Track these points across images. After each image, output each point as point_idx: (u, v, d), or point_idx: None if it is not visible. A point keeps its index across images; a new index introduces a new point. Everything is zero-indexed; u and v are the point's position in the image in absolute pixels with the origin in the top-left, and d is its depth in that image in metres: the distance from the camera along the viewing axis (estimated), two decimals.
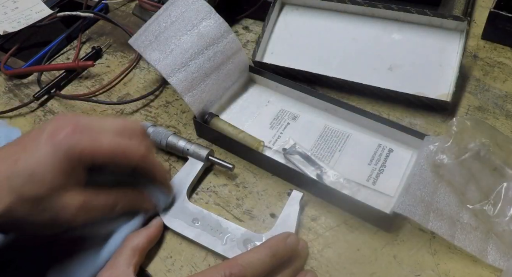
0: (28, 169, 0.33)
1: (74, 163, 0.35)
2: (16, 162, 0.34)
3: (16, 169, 0.34)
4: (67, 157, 0.34)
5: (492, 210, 0.39)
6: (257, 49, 0.55)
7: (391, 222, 0.41)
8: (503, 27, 0.54)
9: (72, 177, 0.35)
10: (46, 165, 0.34)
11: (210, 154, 0.47)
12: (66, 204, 0.35)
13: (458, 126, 0.41)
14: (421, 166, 0.42)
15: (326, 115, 0.51)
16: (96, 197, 0.37)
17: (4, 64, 0.62)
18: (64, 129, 0.34)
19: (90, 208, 0.37)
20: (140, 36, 0.49)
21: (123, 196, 0.40)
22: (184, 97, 0.47)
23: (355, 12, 0.56)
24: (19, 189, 0.33)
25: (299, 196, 0.43)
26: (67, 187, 0.35)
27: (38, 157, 0.34)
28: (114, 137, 0.37)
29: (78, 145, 0.34)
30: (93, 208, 0.37)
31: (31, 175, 0.33)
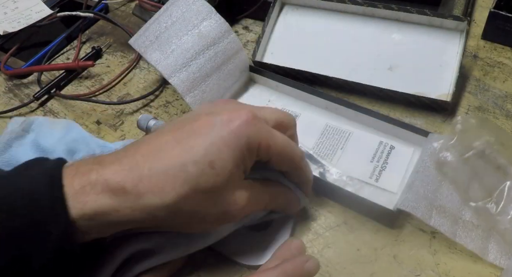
0: (207, 156, 0.30)
1: (251, 153, 0.32)
2: (192, 148, 0.30)
3: (193, 156, 0.30)
4: (247, 146, 0.31)
5: (494, 208, 0.39)
6: (257, 49, 0.55)
7: (395, 219, 0.41)
8: (503, 27, 0.54)
9: (244, 168, 0.33)
10: (227, 153, 0.31)
11: None
12: (238, 197, 0.32)
13: (462, 124, 0.42)
14: (425, 163, 0.42)
15: (327, 114, 0.51)
16: (259, 189, 0.35)
17: (4, 64, 0.62)
18: (242, 115, 0.32)
19: (255, 202, 0.34)
20: (141, 36, 0.49)
21: (278, 194, 0.37)
22: (185, 97, 0.48)
23: (355, 12, 0.56)
24: (196, 179, 0.30)
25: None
26: (239, 179, 0.32)
27: (218, 144, 0.31)
28: (282, 134, 0.35)
29: (258, 135, 0.32)
30: (258, 202, 0.35)
31: (211, 164, 0.30)
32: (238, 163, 0.32)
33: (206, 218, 0.32)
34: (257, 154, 0.33)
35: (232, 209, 0.32)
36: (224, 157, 0.31)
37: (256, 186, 0.35)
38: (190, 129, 0.32)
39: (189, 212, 0.31)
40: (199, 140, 0.31)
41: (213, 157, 0.30)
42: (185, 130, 0.32)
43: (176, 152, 0.31)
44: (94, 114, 0.56)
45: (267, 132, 0.33)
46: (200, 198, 0.31)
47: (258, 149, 0.32)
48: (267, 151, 0.33)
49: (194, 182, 0.30)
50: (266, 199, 0.36)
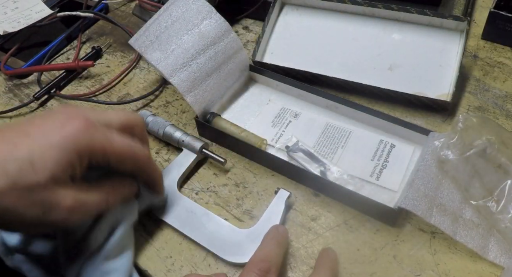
0: (29, 155, 0.31)
1: (83, 159, 0.33)
2: (16, 146, 0.31)
3: (15, 153, 0.31)
4: (77, 151, 0.32)
5: (495, 207, 0.40)
6: (257, 49, 0.55)
7: (396, 217, 0.41)
8: (503, 27, 0.54)
9: (72, 172, 0.33)
10: (51, 155, 0.31)
11: (204, 147, 0.47)
12: (59, 199, 0.32)
13: (464, 122, 0.42)
14: (426, 162, 0.42)
15: (328, 112, 0.51)
16: (89, 193, 0.35)
17: (4, 64, 0.62)
18: (75, 122, 0.33)
19: (83, 205, 0.34)
20: (141, 36, 0.49)
21: (113, 189, 0.38)
22: (186, 97, 0.48)
23: (355, 12, 0.56)
24: (15, 174, 0.31)
25: (286, 195, 0.43)
26: (64, 181, 0.33)
27: (44, 145, 0.32)
28: (124, 137, 0.35)
29: (90, 142, 0.33)
30: (86, 205, 0.35)
31: (31, 162, 0.31)
32: (63, 166, 0.32)
33: (25, 217, 0.32)
34: (90, 158, 0.33)
35: (54, 211, 0.32)
36: (46, 157, 0.31)
37: (86, 189, 0.35)
38: (20, 130, 0.33)
39: (8, 209, 0.31)
40: (26, 140, 0.32)
41: (35, 157, 0.31)
42: (16, 130, 0.33)
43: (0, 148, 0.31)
44: None
45: (102, 137, 0.34)
46: (18, 195, 0.31)
47: (90, 154, 0.33)
48: (103, 155, 0.34)
49: (11, 178, 0.30)
50: (101, 197, 0.36)
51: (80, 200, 0.34)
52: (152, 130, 0.50)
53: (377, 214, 0.42)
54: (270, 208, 0.43)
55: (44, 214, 0.32)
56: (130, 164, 0.37)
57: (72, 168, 0.33)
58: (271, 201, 0.43)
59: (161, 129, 0.49)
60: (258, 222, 0.42)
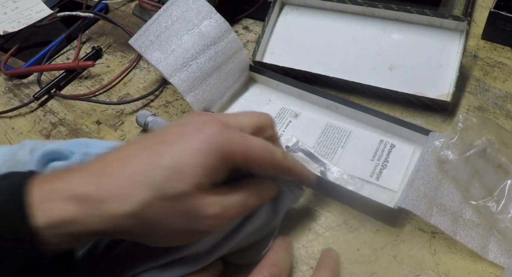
0: (173, 163, 0.29)
1: (226, 163, 0.31)
2: (158, 155, 0.30)
3: (159, 162, 0.29)
4: (220, 155, 0.31)
5: (495, 207, 0.40)
6: (257, 49, 0.55)
7: (396, 217, 0.41)
8: (503, 27, 0.54)
9: (216, 177, 0.32)
10: (195, 161, 0.30)
11: None
12: (206, 206, 0.31)
13: (464, 122, 0.42)
14: (426, 162, 0.42)
15: (328, 112, 0.51)
16: (229, 197, 0.33)
17: (4, 64, 0.62)
18: (212, 125, 0.31)
19: (228, 210, 0.32)
20: (141, 36, 0.49)
21: (254, 191, 0.35)
22: (186, 97, 0.48)
23: (355, 12, 0.56)
24: (160, 184, 0.29)
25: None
26: (208, 188, 0.31)
27: (187, 151, 0.30)
28: (259, 139, 0.34)
29: (231, 145, 0.31)
30: (231, 210, 0.33)
31: (176, 170, 0.29)
32: (207, 172, 0.31)
33: (174, 228, 0.31)
34: (234, 163, 0.32)
35: (203, 218, 0.31)
36: (191, 164, 0.30)
37: (229, 193, 0.33)
38: (160, 139, 0.32)
39: (155, 220, 0.30)
40: (167, 148, 0.30)
41: (180, 164, 0.30)
42: (155, 139, 0.32)
43: (142, 159, 0.30)
44: (94, 114, 0.56)
45: (241, 139, 0.32)
46: (166, 205, 0.30)
47: (233, 158, 0.32)
48: (244, 159, 0.32)
49: (158, 188, 0.29)
50: (242, 200, 0.34)
51: (224, 206, 0.32)
52: (152, 130, 0.50)
53: (377, 214, 0.42)
54: None
55: (191, 223, 0.31)
56: (270, 167, 0.35)
57: (217, 174, 0.32)
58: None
59: None
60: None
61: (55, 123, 0.56)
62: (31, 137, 0.54)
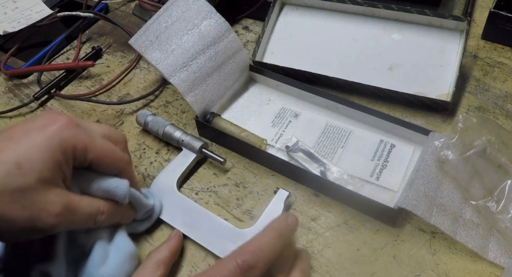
0: (15, 158, 0.30)
1: (67, 157, 0.33)
2: (1, 151, 0.31)
3: (1, 157, 0.30)
4: (61, 149, 0.32)
5: (495, 207, 0.40)
6: (257, 49, 0.55)
7: (396, 217, 0.41)
8: (503, 27, 0.54)
9: (60, 173, 0.32)
10: (37, 155, 0.31)
11: (204, 146, 0.47)
12: (49, 203, 0.32)
13: (463, 123, 0.42)
14: (426, 162, 0.42)
15: (328, 112, 0.51)
16: (80, 200, 0.34)
17: (4, 64, 0.62)
18: (57, 121, 0.33)
19: (73, 212, 0.33)
20: (141, 36, 0.49)
21: (108, 206, 0.36)
22: (186, 97, 0.48)
23: (355, 12, 0.56)
24: (3, 178, 0.30)
25: (285, 195, 0.43)
26: (53, 183, 0.32)
27: (28, 147, 0.31)
28: (104, 139, 0.36)
29: (73, 139, 0.33)
30: (76, 212, 0.34)
31: (18, 165, 0.30)
32: (50, 166, 0.31)
33: (14, 223, 0.31)
34: (74, 157, 0.33)
35: (43, 215, 0.31)
36: (33, 159, 0.31)
37: (79, 198, 0.34)
38: (5, 136, 0.32)
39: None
40: (10, 144, 0.31)
41: (21, 159, 0.31)
42: (1, 136, 0.32)
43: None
44: (94, 114, 0.56)
45: (84, 135, 0.34)
46: (7, 199, 0.30)
47: (74, 151, 0.33)
48: (84, 153, 0.33)
49: (1, 182, 0.30)
50: (93, 209, 0.35)
51: (70, 205, 0.33)
52: (152, 130, 0.50)
53: (377, 214, 0.42)
54: (269, 208, 0.43)
55: (33, 218, 0.31)
56: (111, 165, 0.36)
57: (60, 168, 0.32)
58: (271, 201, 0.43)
59: (161, 128, 0.49)
60: (257, 222, 0.42)
61: None
62: None
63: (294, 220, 0.36)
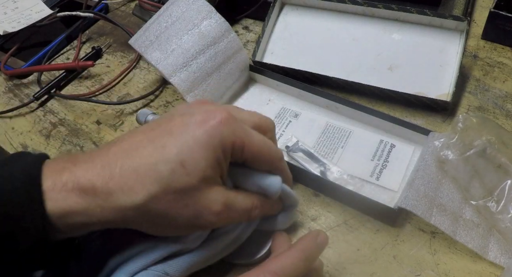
0: (179, 156, 0.30)
1: (226, 154, 0.31)
2: (164, 147, 0.30)
3: (165, 155, 0.30)
4: (221, 146, 0.31)
5: (495, 207, 0.40)
6: (257, 49, 0.55)
7: (396, 217, 0.41)
8: (503, 27, 0.54)
9: (219, 170, 0.32)
10: (199, 153, 0.30)
11: None
12: (211, 201, 0.31)
13: (463, 122, 0.42)
14: (426, 162, 0.42)
15: (328, 112, 0.51)
16: (236, 196, 0.33)
17: (4, 64, 0.62)
18: (217, 115, 0.31)
19: (231, 208, 0.33)
20: (141, 36, 0.49)
21: (261, 200, 0.35)
22: (186, 97, 0.48)
23: (355, 12, 0.56)
24: (166, 178, 0.29)
25: None
26: (214, 181, 0.31)
27: (191, 143, 0.30)
28: (259, 134, 0.34)
29: (232, 135, 0.31)
30: (234, 209, 0.33)
31: (182, 163, 0.29)
32: (212, 163, 0.31)
33: (177, 221, 0.31)
34: (232, 153, 0.32)
35: (205, 214, 0.31)
36: (196, 157, 0.30)
37: (234, 194, 0.33)
38: (163, 129, 0.31)
39: (159, 213, 0.30)
40: (172, 140, 0.30)
41: (185, 157, 0.30)
42: (159, 130, 0.32)
43: (148, 151, 0.30)
44: (94, 114, 0.56)
45: (242, 131, 0.32)
46: (171, 198, 0.30)
47: (232, 148, 0.32)
48: (241, 150, 0.32)
49: (164, 182, 0.29)
50: (248, 205, 0.34)
51: (229, 203, 0.32)
52: None
53: (377, 214, 0.42)
54: None
55: (195, 217, 0.31)
56: (265, 162, 0.35)
57: (220, 166, 0.32)
58: None
59: None
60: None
61: (55, 123, 0.56)
62: (31, 137, 0.54)
63: (324, 239, 0.35)
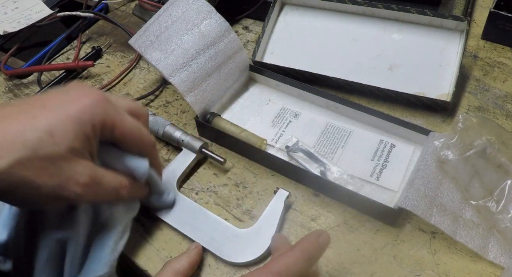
0: (48, 125, 0.31)
1: (95, 131, 0.33)
2: (34, 118, 0.31)
3: (34, 123, 0.31)
4: (91, 122, 0.33)
5: (495, 207, 0.40)
6: (257, 49, 0.55)
7: (396, 217, 0.41)
8: (503, 27, 0.54)
9: (88, 146, 0.33)
10: (69, 126, 0.32)
11: (204, 146, 0.47)
12: (77, 173, 0.32)
13: (463, 123, 0.42)
14: (426, 162, 0.42)
15: (328, 112, 0.51)
16: (105, 173, 0.35)
17: (4, 64, 0.62)
18: (90, 95, 0.34)
19: (99, 184, 0.34)
20: (141, 36, 0.49)
21: (129, 181, 0.37)
22: (186, 97, 0.48)
23: (355, 12, 0.56)
24: (34, 144, 0.30)
25: (285, 195, 0.43)
26: (81, 155, 0.33)
27: (62, 117, 0.32)
28: (132, 118, 0.36)
29: (103, 114, 0.34)
30: (102, 185, 0.35)
31: (50, 133, 0.31)
32: (81, 137, 0.32)
33: (41, 189, 0.31)
34: (102, 132, 0.34)
35: (71, 184, 0.32)
36: (65, 128, 0.32)
37: (103, 171, 0.35)
38: (36, 102, 0.33)
39: (23, 180, 0.30)
40: (43, 112, 0.32)
41: (54, 127, 0.31)
42: (31, 103, 0.33)
43: (18, 120, 0.31)
44: None
45: (114, 112, 0.34)
46: (37, 166, 0.31)
47: (103, 127, 0.34)
48: (111, 129, 0.34)
49: (31, 148, 0.30)
50: (116, 183, 0.36)
51: (96, 177, 0.34)
52: (152, 130, 0.50)
53: (377, 214, 0.42)
54: (269, 208, 0.43)
55: (60, 187, 0.32)
56: (136, 144, 0.37)
57: (88, 141, 0.33)
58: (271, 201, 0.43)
59: (161, 128, 0.49)
60: (257, 222, 0.42)
61: None
62: None
63: (326, 238, 0.34)
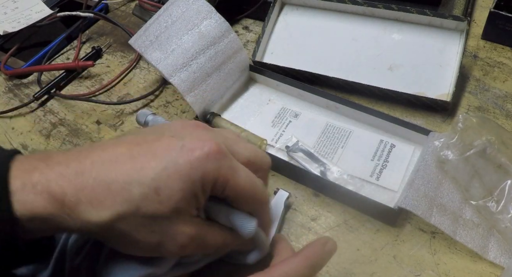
0: (155, 181, 0.28)
1: (205, 189, 0.30)
2: (142, 169, 0.29)
3: (141, 177, 0.28)
4: (201, 181, 0.29)
5: (495, 207, 0.40)
6: (257, 49, 0.55)
7: (396, 217, 0.41)
8: (503, 27, 0.54)
9: (195, 203, 0.30)
10: (177, 183, 0.29)
11: None
12: (178, 233, 0.30)
13: (463, 123, 0.42)
14: (426, 162, 0.42)
15: (328, 112, 0.51)
16: (208, 232, 0.32)
17: (4, 64, 0.62)
18: (205, 147, 0.30)
19: (201, 243, 0.32)
20: (141, 36, 0.49)
21: (233, 238, 0.34)
22: (186, 97, 0.48)
23: (355, 12, 0.56)
24: (138, 201, 0.28)
25: (285, 196, 0.43)
26: (186, 213, 0.30)
27: (170, 171, 0.29)
28: (249, 173, 0.32)
29: (216, 172, 0.30)
30: (204, 244, 0.32)
31: (157, 190, 0.28)
32: (188, 196, 0.29)
33: (139, 243, 0.30)
34: (212, 189, 0.31)
35: (169, 244, 0.30)
36: (172, 187, 0.29)
37: (206, 229, 0.32)
38: (147, 148, 0.30)
39: (123, 232, 0.29)
40: (152, 162, 0.29)
41: (161, 184, 0.29)
42: (144, 147, 0.30)
43: (125, 168, 0.29)
44: (94, 114, 0.56)
45: (228, 168, 0.30)
46: (138, 222, 0.29)
47: (214, 185, 0.30)
48: (223, 187, 0.31)
49: (134, 204, 0.28)
50: (220, 241, 0.33)
51: (198, 237, 0.31)
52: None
53: (377, 214, 0.42)
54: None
55: (159, 244, 0.30)
56: (248, 204, 0.33)
57: (196, 199, 0.30)
58: (270, 201, 0.43)
59: None
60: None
61: (55, 123, 0.56)
62: (31, 137, 0.54)
63: (331, 246, 0.33)
